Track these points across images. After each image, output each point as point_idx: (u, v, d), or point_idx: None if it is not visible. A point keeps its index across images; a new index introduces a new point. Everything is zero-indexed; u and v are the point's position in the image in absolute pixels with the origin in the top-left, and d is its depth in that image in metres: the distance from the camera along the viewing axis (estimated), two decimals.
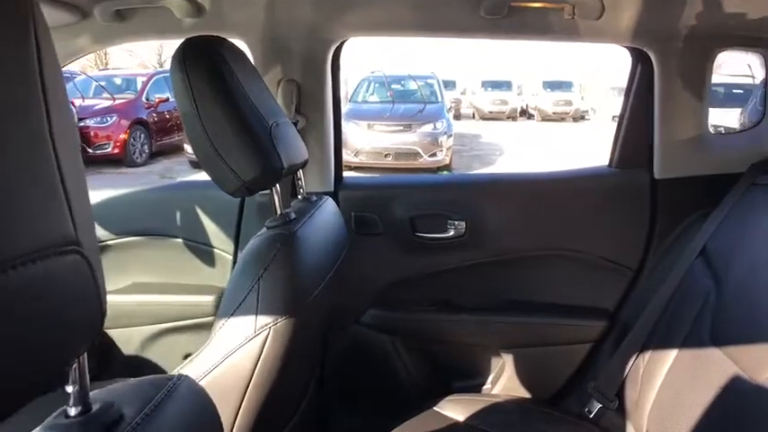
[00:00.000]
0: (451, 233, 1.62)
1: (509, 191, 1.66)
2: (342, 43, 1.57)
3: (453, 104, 13.28)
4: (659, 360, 1.38)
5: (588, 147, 10.09)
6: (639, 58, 1.53)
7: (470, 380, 1.73)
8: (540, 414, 1.59)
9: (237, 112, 0.97)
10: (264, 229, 1.06)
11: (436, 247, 1.65)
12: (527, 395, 1.68)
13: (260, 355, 0.94)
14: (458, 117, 15.58)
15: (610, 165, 1.64)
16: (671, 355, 1.35)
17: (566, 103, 17.50)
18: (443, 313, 1.69)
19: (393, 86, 9.24)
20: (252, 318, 0.95)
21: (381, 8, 1.50)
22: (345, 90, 10.79)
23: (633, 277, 1.62)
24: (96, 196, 1.66)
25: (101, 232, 1.67)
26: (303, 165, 1.21)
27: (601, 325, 1.63)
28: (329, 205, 1.29)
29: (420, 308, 1.69)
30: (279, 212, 1.07)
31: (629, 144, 1.60)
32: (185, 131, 1.00)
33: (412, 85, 9.34)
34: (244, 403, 0.94)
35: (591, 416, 1.52)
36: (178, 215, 1.71)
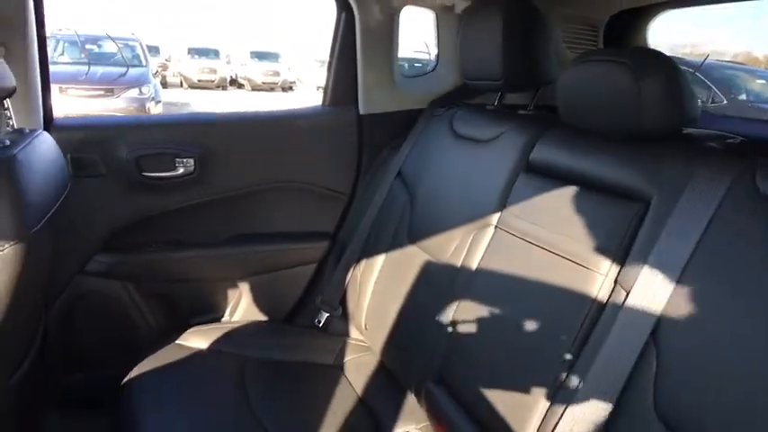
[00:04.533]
0: (180, 171, 1.63)
1: (234, 130, 1.74)
2: None
3: (160, 69, 12.46)
4: (371, 266, 1.63)
5: None
6: (343, 6, 1.74)
7: (210, 313, 1.80)
8: (276, 331, 1.74)
9: None
10: None
11: (165, 186, 1.65)
12: (265, 318, 1.82)
13: None
14: (165, 85, 14.72)
15: (323, 104, 1.85)
16: (380, 260, 1.61)
17: (274, 74, 17.91)
18: (176, 252, 1.71)
19: (88, 47, 8.24)
20: None
21: None
22: None
23: (347, 202, 1.86)
24: None
25: None
26: (10, 92, 1.12)
27: (323, 246, 1.84)
28: (46, 138, 1.21)
29: (151, 249, 1.69)
30: None
31: (338, 85, 1.81)
32: None
33: (110, 47, 8.48)
34: None
35: (320, 325, 1.73)
36: None
